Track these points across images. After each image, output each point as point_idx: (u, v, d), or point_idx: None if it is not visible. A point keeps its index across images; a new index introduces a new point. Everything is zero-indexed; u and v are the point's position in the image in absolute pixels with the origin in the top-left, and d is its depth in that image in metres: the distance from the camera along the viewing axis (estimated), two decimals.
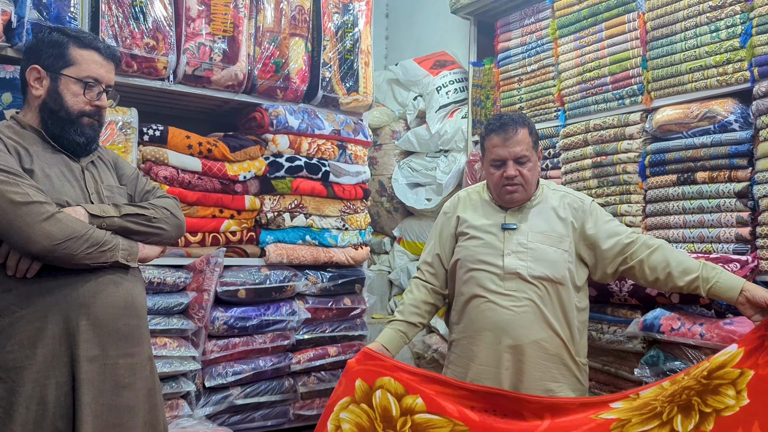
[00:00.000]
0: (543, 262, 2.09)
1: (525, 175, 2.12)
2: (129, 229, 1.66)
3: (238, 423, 2.70)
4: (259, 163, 2.76)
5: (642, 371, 2.19)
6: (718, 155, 2.34)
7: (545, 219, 2.16)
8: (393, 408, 1.86)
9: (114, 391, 1.59)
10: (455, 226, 2.28)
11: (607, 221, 2.16)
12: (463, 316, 2.19)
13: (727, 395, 1.65)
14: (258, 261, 2.82)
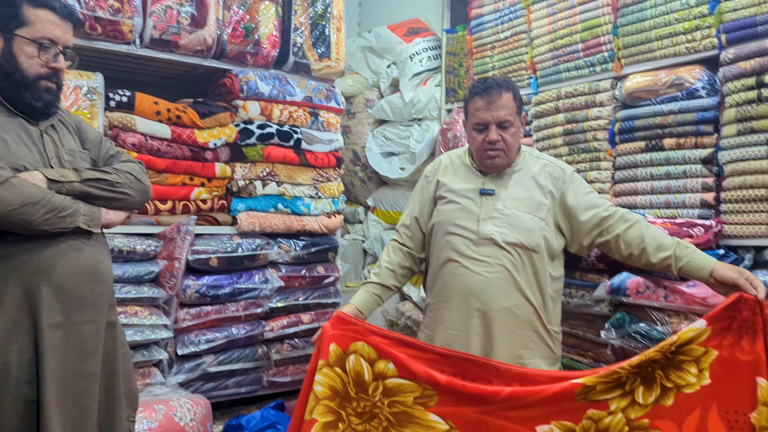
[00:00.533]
0: (518, 229, 2.10)
1: (507, 141, 2.11)
2: (90, 194, 1.63)
3: (211, 390, 2.72)
4: (230, 131, 2.73)
5: (608, 334, 2.24)
6: (685, 122, 2.37)
7: (524, 186, 2.15)
8: (366, 373, 1.89)
9: (79, 358, 1.58)
10: (435, 189, 2.28)
11: (587, 193, 2.17)
12: (437, 280, 2.20)
13: (690, 372, 1.68)
14: (230, 229, 2.81)
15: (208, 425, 2.44)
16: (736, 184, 2.22)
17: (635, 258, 2.06)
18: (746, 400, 1.64)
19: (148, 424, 2.25)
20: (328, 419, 1.89)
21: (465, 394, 1.80)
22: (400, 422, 1.85)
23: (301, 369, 2.97)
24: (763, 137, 2.15)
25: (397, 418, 1.86)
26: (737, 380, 1.65)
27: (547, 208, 2.13)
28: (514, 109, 2.12)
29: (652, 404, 1.69)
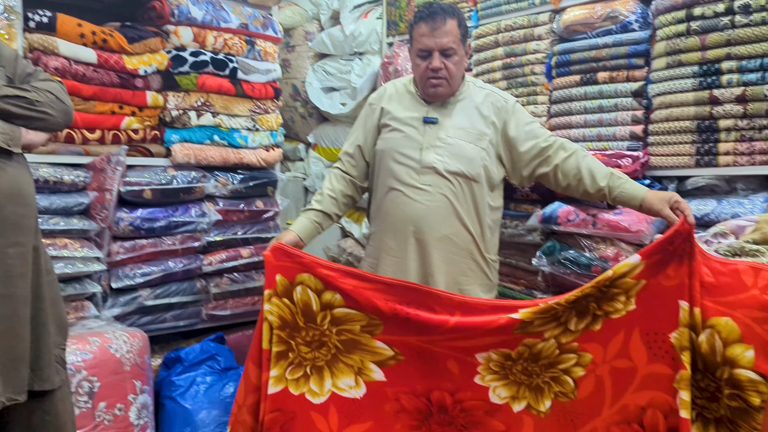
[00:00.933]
0: (460, 158, 2.11)
1: (450, 69, 2.09)
2: (9, 112, 1.55)
3: (148, 324, 2.69)
4: (161, 57, 2.62)
5: (539, 261, 2.32)
6: (618, 55, 2.41)
7: (467, 115, 2.16)
8: (313, 303, 1.90)
9: (5, 281, 1.53)
10: (379, 117, 2.26)
11: (528, 123, 2.19)
12: (380, 209, 2.22)
13: (619, 301, 1.76)
14: (164, 161, 2.74)
15: (146, 357, 2.43)
16: (663, 116, 2.30)
17: (573, 189, 2.12)
18: (668, 322, 1.73)
19: (82, 355, 2.22)
20: (280, 349, 1.91)
21: (409, 323, 1.85)
22: (348, 349, 1.90)
23: (241, 302, 2.98)
24: (690, 70, 2.21)
25: (345, 345, 1.90)
26: (660, 304, 1.74)
27: (489, 138, 2.14)
28: (459, 37, 2.10)
29: (583, 330, 1.78)
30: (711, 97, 2.17)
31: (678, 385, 1.69)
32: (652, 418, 1.74)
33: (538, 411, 1.81)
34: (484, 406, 1.84)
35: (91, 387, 2.22)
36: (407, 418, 1.89)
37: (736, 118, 2.14)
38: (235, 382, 2.58)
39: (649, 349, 1.76)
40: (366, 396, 1.89)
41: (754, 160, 2.11)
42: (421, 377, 1.87)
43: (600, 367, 1.78)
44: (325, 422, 1.90)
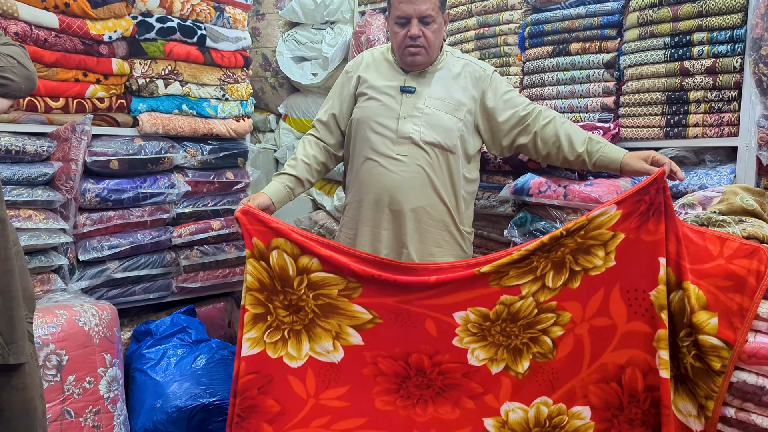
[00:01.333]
0: (436, 129, 2.10)
1: (428, 37, 2.07)
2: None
3: (117, 297, 2.66)
4: (126, 23, 2.54)
5: (511, 232, 2.33)
6: (591, 26, 2.41)
7: (445, 85, 2.14)
8: (290, 268, 1.90)
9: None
10: (355, 86, 2.23)
11: (506, 92, 2.18)
12: (356, 179, 2.20)
13: (597, 256, 1.78)
14: (131, 131, 2.67)
15: (115, 330, 2.40)
16: (635, 88, 2.31)
17: (553, 157, 2.13)
18: (648, 279, 1.76)
19: (49, 329, 2.18)
20: (258, 311, 1.91)
21: (388, 284, 1.86)
22: (326, 313, 1.90)
23: (212, 275, 2.95)
24: (661, 41, 2.23)
25: (322, 309, 1.90)
26: (641, 261, 1.77)
27: (467, 109, 2.13)
28: (437, 4, 2.08)
29: (561, 287, 1.80)
30: (682, 68, 2.19)
31: (657, 344, 1.73)
32: (630, 377, 1.78)
33: (516, 372, 1.84)
34: (462, 369, 1.86)
35: (59, 360, 2.18)
36: (385, 381, 1.90)
37: (705, 90, 2.16)
38: (206, 355, 2.57)
39: (629, 306, 1.78)
40: (344, 360, 1.89)
41: (723, 132, 2.14)
42: (399, 340, 1.88)
43: (579, 326, 1.81)
44: (303, 386, 1.91)
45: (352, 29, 3.47)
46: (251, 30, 3.86)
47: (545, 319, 1.81)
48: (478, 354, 1.85)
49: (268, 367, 1.90)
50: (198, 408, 2.40)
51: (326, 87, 3.76)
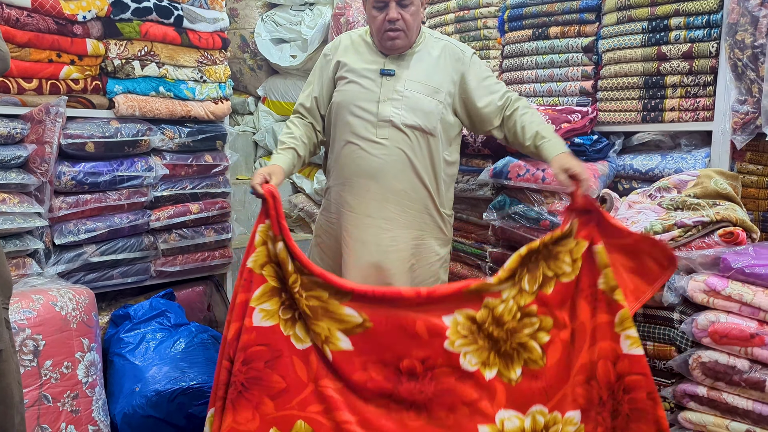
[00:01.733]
0: (416, 111, 2.10)
1: (407, 20, 2.06)
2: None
3: (94, 281, 2.63)
4: (101, 3, 2.49)
5: (490, 215, 2.35)
6: (570, 10, 2.42)
7: (425, 68, 2.14)
8: (289, 264, 1.85)
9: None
10: (335, 69, 2.22)
11: (486, 77, 2.18)
12: (336, 163, 2.20)
13: (565, 261, 1.81)
14: (107, 113, 2.63)
15: (93, 315, 2.38)
16: (612, 72, 2.33)
17: (515, 144, 2.16)
18: (593, 272, 1.80)
19: (25, 313, 2.16)
20: (275, 285, 1.86)
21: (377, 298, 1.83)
22: (316, 316, 1.85)
23: (191, 258, 2.94)
24: (639, 26, 2.24)
25: (313, 312, 1.85)
26: (590, 260, 1.82)
27: (447, 91, 2.13)
28: None
29: (536, 291, 1.82)
30: (659, 53, 2.21)
31: (621, 327, 1.76)
32: (603, 369, 1.80)
33: (509, 378, 1.83)
34: (455, 373, 1.83)
35: (36, 345, 2.16)
36: (376, 386, 1.85)
37: (682, 75, 2.19)
38: (186, 338, 2.56)
39: (589, 304, 1.82)
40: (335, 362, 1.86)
41: (698, 117, 2.17)
42: (390, 345, 1.83)
43: (563, 331, 1.83)
44: (305, 369, 1.86)
45: (332, 11, 3.45)
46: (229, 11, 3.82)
47: (529, 324, 1.82)
48: (471, 358, 1.82)
49: (279, 343, 1.85)
50: (178, 391, 2.40)
51: (305, 69, 3.74)
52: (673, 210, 2.02)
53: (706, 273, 1.83)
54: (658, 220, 1.99)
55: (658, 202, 2.09)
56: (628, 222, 2.08)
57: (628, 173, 2.33)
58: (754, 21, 1.97)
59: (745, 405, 1.74)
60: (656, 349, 1.97)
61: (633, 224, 2.05)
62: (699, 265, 1.84)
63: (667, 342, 1.95)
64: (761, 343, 1.69)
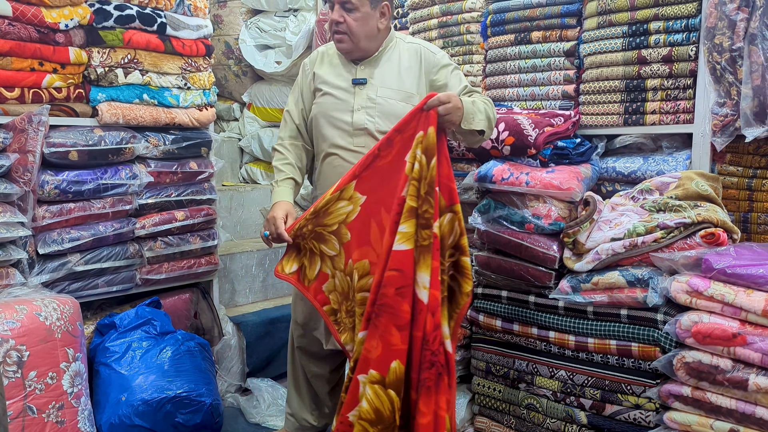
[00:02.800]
0: (390, 117, 2.11)
1: (350, 24, 2.08)
2: None
3: (79, 290, 2.61)
4: (83, 11, 2.48)
5: (475, 219, 2.36)
6: (551, 15, 2.45)
7: (396, 74, 2.16)
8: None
9: None
10: (311, 81, 2.25)
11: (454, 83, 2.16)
12: (320, 174, 2.23)
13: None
14: (90, 121, 2.61)
15: (78, 324, 2.36)
16: (594, 75, 2.35)
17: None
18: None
19: (9, 324, 2.14)
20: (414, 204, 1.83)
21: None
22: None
23: (177, 266, 2.92)
24: (619, 30, 2.27)
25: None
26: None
27: (420, 95, 2.15)
28: None
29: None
30: (639, 57, 2.23)
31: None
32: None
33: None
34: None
35: (20, 356, 2.14)
36: None
37: (662, 78, 2.21)
38: (172, 347, 2.55)
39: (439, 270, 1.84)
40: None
41: (679, 119, 2.20)
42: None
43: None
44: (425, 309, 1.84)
45: (316, 17, 3.45)
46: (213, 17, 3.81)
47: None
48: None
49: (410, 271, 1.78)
50: (164, 400, 2.39)
51: (290, 75, 3.74)
52: (656, 212, 2.04)
53: (688, 274, 1.85)
54: (641, 221, 2.01)
55: (640, 204, 2.11)
56: (612, 224, 2.10)
57: (611, 176, 2.35)
58: (731, 25, 1.99)
59: (728, 404, 1.76)
60: (641, 350, 1.99)
61: (616, 226, 2.07)
62: (681, 266, 1.86)
63: (652, 343, 1.97)
64: (743, 342, 1.71)
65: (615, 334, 2.03)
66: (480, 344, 2.43)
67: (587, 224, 2.10)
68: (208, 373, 2.63)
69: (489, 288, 2.38)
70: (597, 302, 2.04)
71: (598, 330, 2.07)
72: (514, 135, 2.29)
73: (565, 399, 2.18)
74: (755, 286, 1.72)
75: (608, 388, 2.07)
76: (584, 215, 2.11)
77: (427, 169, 1.81)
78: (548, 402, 2.22)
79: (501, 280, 2.32)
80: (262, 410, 2.88)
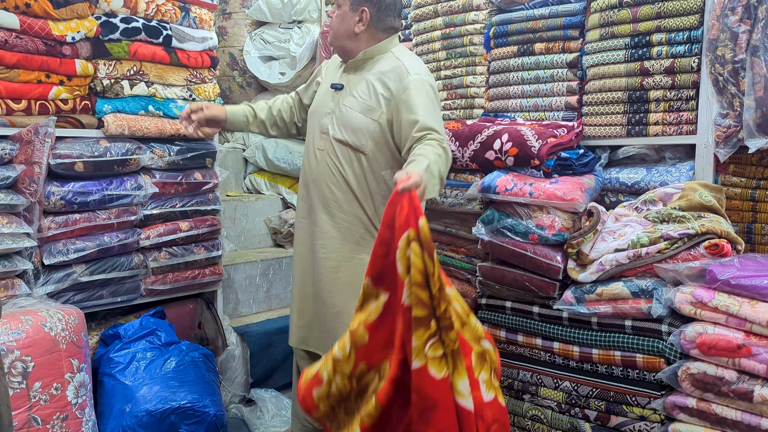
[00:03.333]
0: (346, 127, 2.15)
1: (333, 20, 2.20)
2: None
3: (84, 300, 2.62)
4: (90, 23, 2.50)
5: (479, 230, 2.37)
6: (554, 26, 2.46)
7: (368, 85, 2.16)
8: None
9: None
10: (316, 76, 2.42)
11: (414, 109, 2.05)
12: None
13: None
14: (96, 132, 2.63)
15: (83, 335, 2.37)
16: (597, 87, 2.37)
17: None
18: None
19: (14, 335, 2.15)
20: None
21: None
22: None
23: (181, 276, 2.93)
24: (622, 42, 2.28)
25: None
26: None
27: (383, 111, 2.12)
28: None
29: None
30: (642, 68, 2.24)
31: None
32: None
33: None
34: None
35: (24, 367, 2.15)
36: None
37: (665, 89, 2.22)
38: (176, 357, 2.55)
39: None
40: None
41: (681, 130, 2.21)
42: None
43: None
44: None
45: (320, 29, 3.47)
46: (218, 29, 3.84)
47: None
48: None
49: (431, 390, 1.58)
50: (168, 411, 2.39)
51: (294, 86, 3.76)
52: (659, 223, 2.04)
53: (692, 285, 1.85)
54: (644, 232, 2.01)
55: (644, 215, 2.11)
56: (616, 234, 2.11)
57: (614, 186, 2.36)
58: (733, 37, 2.00)
59: (734, 416, 1.76)
60: (645, 361, 1.98)
61: (620, 236, 2.08)
62: (685, 277, 1.87)
63: (656, 354, 1.96)
64: (748, 353, 1.71)
65: (619, 345, 2.03)
66: None
67: (591, 235, 2.10)
68: (212, 383, 2.63)
69: (493, 299, 2.38)
70: (601, 313, 2.04)
71: (602, 341, 2.07)
72: (517, 146, 2.30)
73: (570, 410, 2.17)
74: (760, 297, 1.72)
75: (613, 399, 2.07)
76: (588, 226, 2.11)
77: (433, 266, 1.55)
78: (553, 413, 2.22)
79: (505, 291, 2.32)
80: (266, 421, 2.88)
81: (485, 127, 2.44)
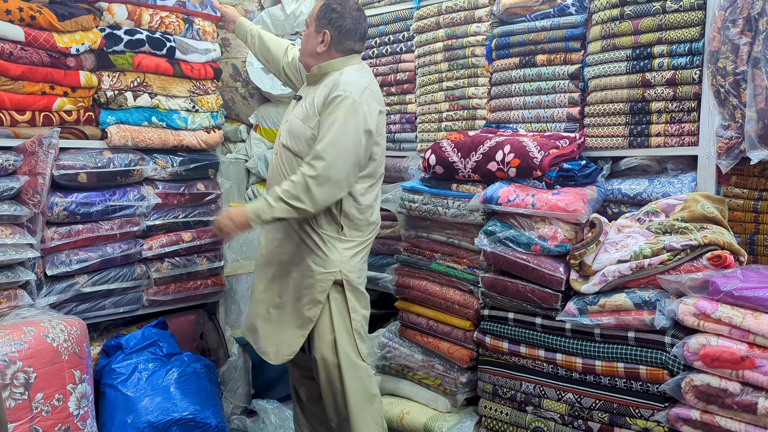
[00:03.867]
0: (291, 134, 2.33)
1: (302, 38, 2.40)
2: None
3: (87, 311, 2.62)
4: (94, 36, 2.52)
5: (481, 240, 2.37)
6: (556, 38, 2.47)
7: (314, 97, 2.30)
8: None
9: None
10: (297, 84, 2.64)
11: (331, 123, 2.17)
12: None
13: None
14: (99, 143, 2.64)
15: (85, 346, 2.37)
16: (599, 98, 2.37)
17: None
18: None
19: (17, 346, 2.15)
20: None
21: None
22: None
23: (183, 287, 2.93)
24: (623, 54, 2.29)
25: None
26: None
27: (316, 119, 2.26)
28: (314, 17, 2.33)
29: None
30: (643, 80, 2.25)
31: None
32: None
33: None
34: None
35: (27, 378, 2.15)
36: None
37: (666, 101, 2.23)
38: (178, 368, 2.55)
39: None
40: None
41: (683, 141, 2.21)
42: None
43: None
44: None
45: None
46: (221, 40, 3.86)
47: None
48: None
49: None
50: (170, 422, 2.38)
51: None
52: (662, 234, 2.04)
53: (695, 296, 1.85)
54: (647, 244, 2.01)
55: (646, 226, 2.11)
56: (618, 245, 2.11)
57: (616, 197, 2.36)
58: (734, 49, 2.01)
59: (738, 428, 1.75)
60: (649, 373, 1.97)
61: (623, 248, 2.08)
62: (688, 289, 1.86)
63: (660, 365, 1.96)
64: (752, 365, 1.70)
65: (622, 357, 2.02)
66: (487, 366, 2.42)
67: (593, 246, 2.10)
68: (213, 395, 2.63)
69: (495, 310, 2.38)
70: (604, 324, 2.04)
71: (605, 352, 2.06)
72: (519, 157, 2.30)
73: (573, 422, 2.16)
74: (763, 309, 1.72)
75: (616, 411, 2.06)
76: (590, 237, 2.11)
77: None
78: (556, 425, 2.21)
79: (507, 302, 2.32)
80: None
81: (487, 138, 2.44)
